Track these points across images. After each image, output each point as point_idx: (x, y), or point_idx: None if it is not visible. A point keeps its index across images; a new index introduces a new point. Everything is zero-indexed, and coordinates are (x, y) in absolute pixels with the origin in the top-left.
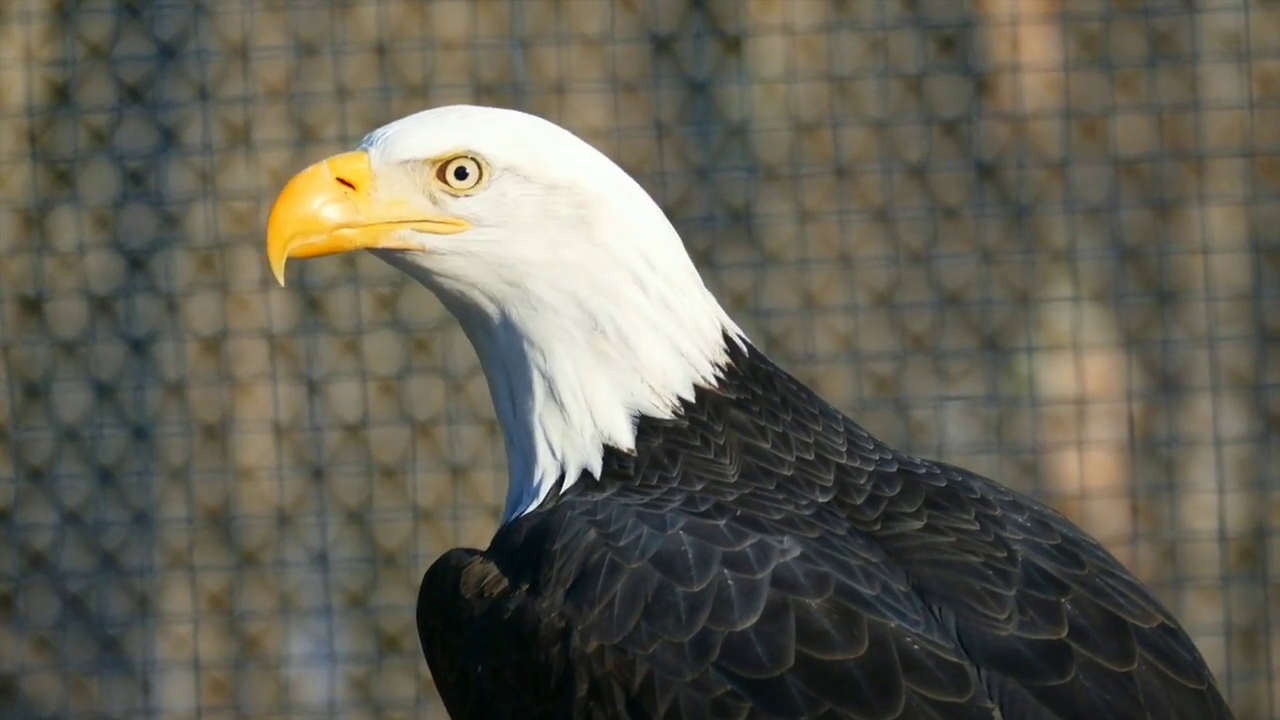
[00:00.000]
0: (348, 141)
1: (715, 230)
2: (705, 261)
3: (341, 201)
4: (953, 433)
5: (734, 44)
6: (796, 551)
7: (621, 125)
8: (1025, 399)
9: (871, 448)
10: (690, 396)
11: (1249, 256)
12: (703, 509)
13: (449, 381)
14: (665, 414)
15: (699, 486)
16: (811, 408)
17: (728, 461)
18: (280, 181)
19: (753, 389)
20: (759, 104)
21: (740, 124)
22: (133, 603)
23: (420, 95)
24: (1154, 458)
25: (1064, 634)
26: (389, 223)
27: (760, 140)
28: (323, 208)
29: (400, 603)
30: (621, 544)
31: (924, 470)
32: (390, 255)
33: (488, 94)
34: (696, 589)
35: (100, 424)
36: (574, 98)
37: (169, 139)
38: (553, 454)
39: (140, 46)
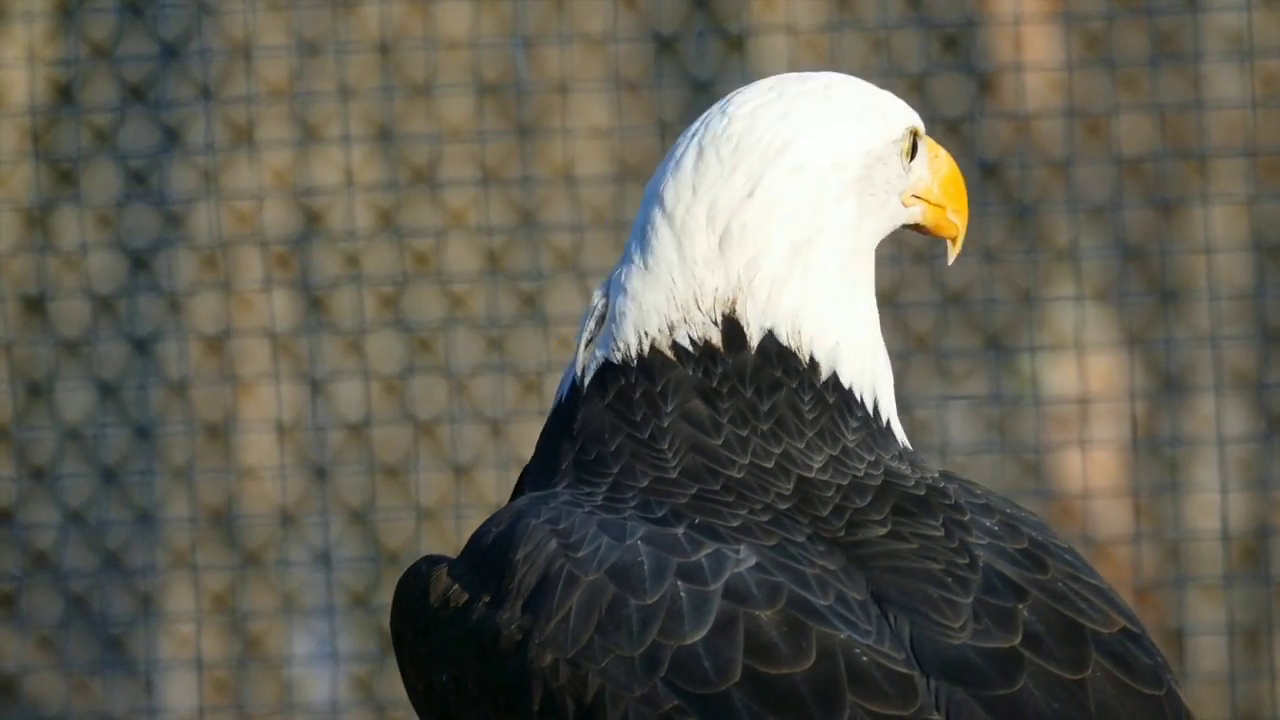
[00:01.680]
0: (351, 141)
1: None
2: None
3: None
4: (955, 432)
5: (737, 43)
6: (752, 561)
7: (624, 125)
8: (1028, 398)
9: (861, 465)
10: (642, 358)
11: (1252, 256)
12: (659, 514)
13: (451, 381)
14: (616, 360)
15: (644, 482)
16: (807, 429)
17: (667, 449)
18: (283, 181)
19: (736, 386)
20: None
21: None
22: (135, 602)
23: (423, 95)
24: (1157, 457)
25: (1016, 641)
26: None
27: None
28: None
29: None
30: (580, 555)
31: (912, 482)
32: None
33: (490, 93)
34: (649, 601)
35: (103, 423)
36: (576, 97)
37: (172, 138)
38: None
39: (143, 46)
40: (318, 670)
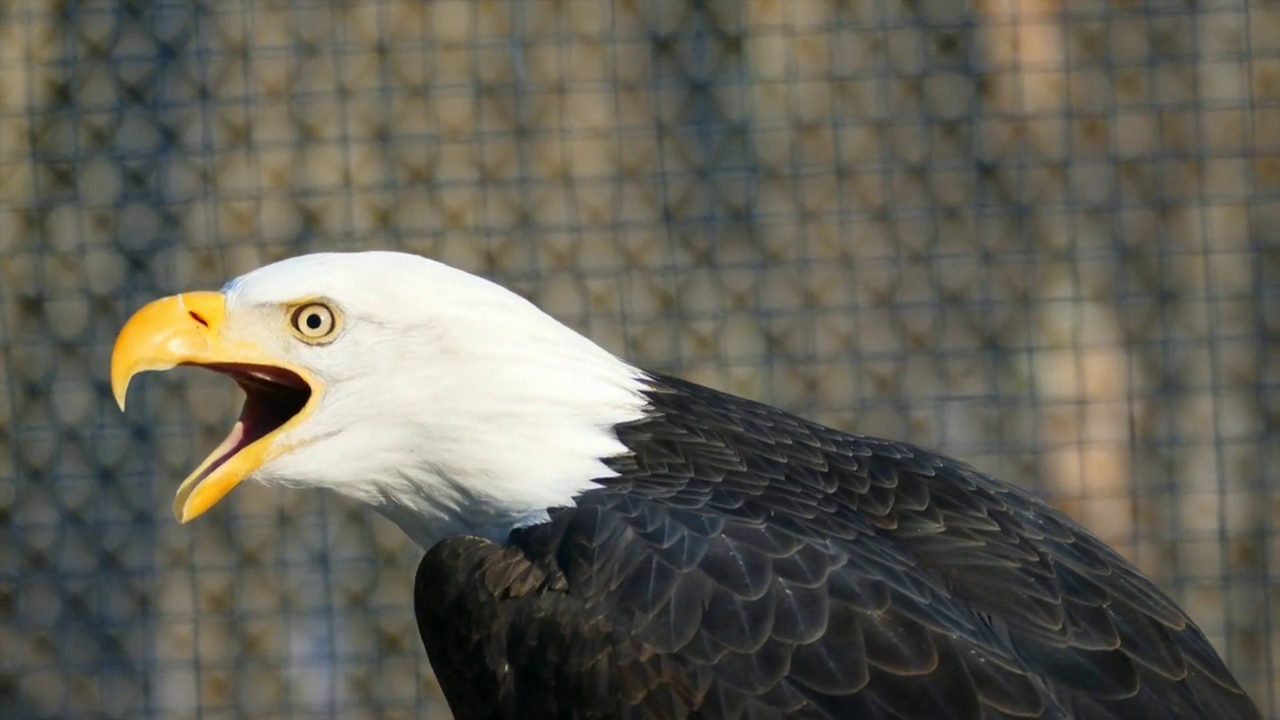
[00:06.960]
0: (349, 142)
1: (716, 230)
2: (706, 261)
3: (191, 335)
4: (953, 433)
5: (735, 44)
6: (844, 559)
7: (622, 125)
8: (1026, 399)
9: (822, 428)
10: (646, 401)
11: (1249, 256)
12: (735, 507)
13: None
14: (636, 415)
15: (719, 479)
16: (735, 400)
17: (724, 446)
18: (281, 181)
19: (678, 385)
20: (760, 104)
21: (741, 124)
22: (133, 603)
23: (421, 95)
24: (1155, 458)
25: (1118, 644)
26: (235, 361)
27: (761, 140)
28: (171, 339)
29: (401, 603)
30: (666, 547)
31: (899, 455)
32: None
33: (488, 94)
34: (755, 598)
35: (101, 424)
36: (574, 98)
37: (170, 139)
38: (558, 492)
39: (141, 46)
40: (315, 671)
